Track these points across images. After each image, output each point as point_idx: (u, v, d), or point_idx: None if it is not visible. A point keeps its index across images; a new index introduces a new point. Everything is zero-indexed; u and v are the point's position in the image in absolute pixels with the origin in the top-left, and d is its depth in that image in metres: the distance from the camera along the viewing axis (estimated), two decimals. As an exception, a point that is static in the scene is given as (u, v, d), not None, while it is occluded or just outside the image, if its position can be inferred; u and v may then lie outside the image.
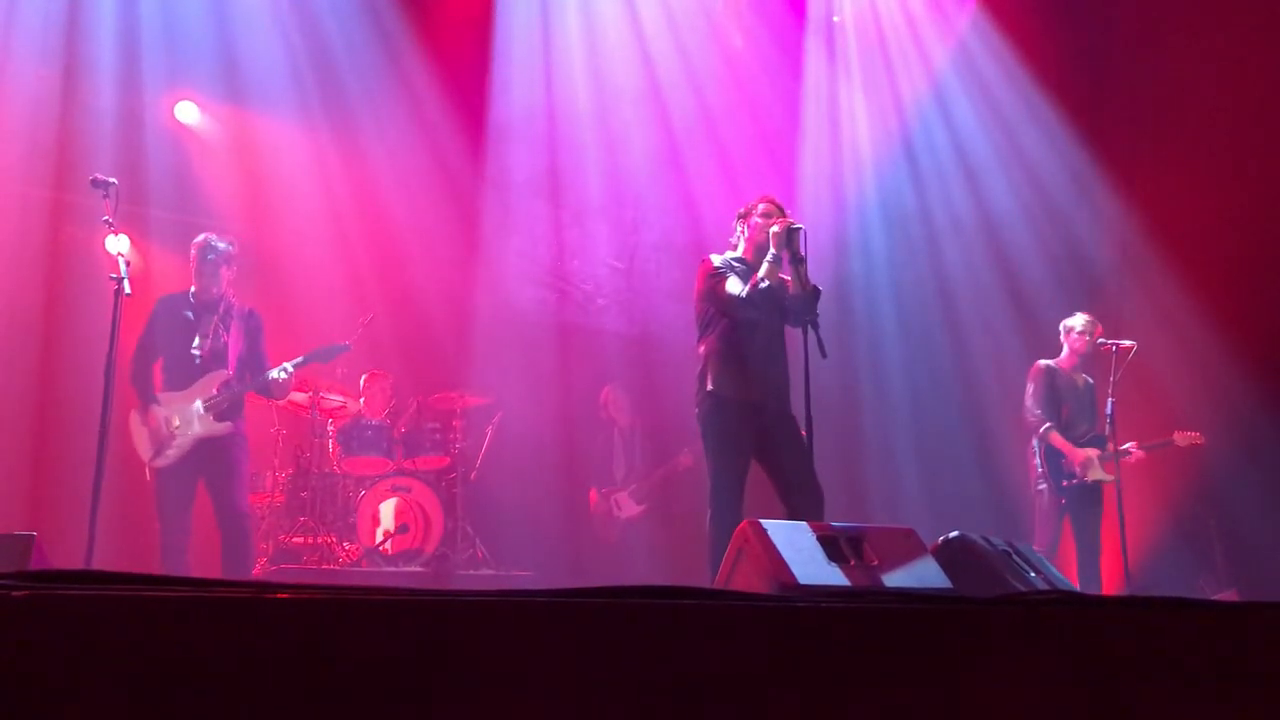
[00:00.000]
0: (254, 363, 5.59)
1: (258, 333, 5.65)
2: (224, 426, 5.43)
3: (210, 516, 7.03)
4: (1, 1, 6.84)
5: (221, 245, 5.54)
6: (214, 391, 5.43)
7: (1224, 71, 7.39)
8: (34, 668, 1.42)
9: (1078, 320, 6.70)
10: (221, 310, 5.55)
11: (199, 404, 5.40)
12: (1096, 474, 6.42)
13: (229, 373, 5.50)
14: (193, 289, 5.56)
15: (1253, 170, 7.21)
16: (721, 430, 4.73)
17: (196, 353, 5.44)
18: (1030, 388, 6.66)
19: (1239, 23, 7.29)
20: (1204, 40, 7.47)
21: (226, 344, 5.52)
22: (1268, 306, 7.10)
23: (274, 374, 5.52)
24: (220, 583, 1.79)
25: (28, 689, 1.41)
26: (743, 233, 5.00)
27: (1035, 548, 6.33)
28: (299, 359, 5.67)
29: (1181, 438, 6.69)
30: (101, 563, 4.23)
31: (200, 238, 5.59)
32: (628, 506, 7.74)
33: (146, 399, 5.42)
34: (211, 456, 5.42)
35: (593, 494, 7.93)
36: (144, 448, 5.40)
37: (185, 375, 5.45)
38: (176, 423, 5.35)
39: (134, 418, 5.45)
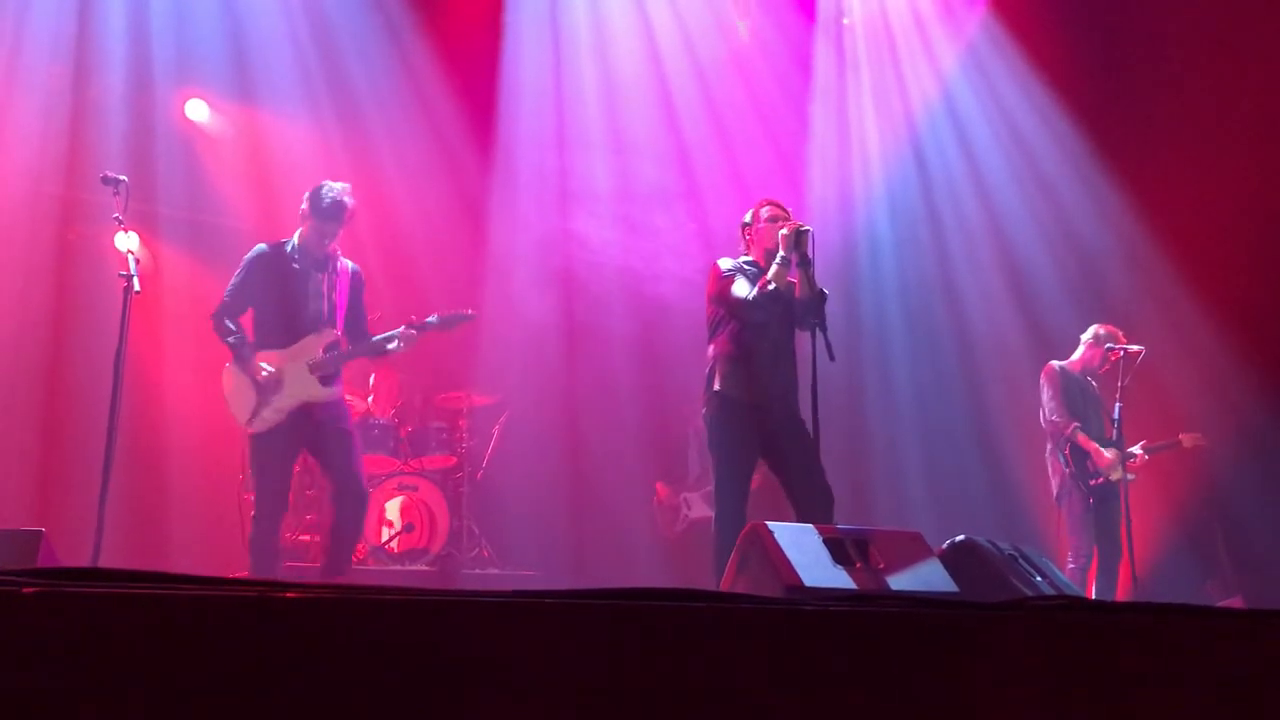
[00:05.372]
0: (357, 324, 5.14)
1: (361, 291, 5.21)
2: (329, 392, 4.96)
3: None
4: (13, -1, 6.89)
5: (350, 202, 5.05)
6: (320, 353, 4.96)
7: (1235, 75, 7.37)
8: (43, 664, 1.43)
9: (1100, 329, 6.67)
10: (330, 266, 5.08)
11: (304, 365, 4.94)
12: (1119, 473, 6.33)
13: (337, 333, 5.04)
14: (298, 241, 5.08)
15: (1263, 175, 7.18)
16: (728, 431, 4.75)
17: (306, 312, 4.97)
18: (1048, 391, 6.57)
19: (1250, 26, 7.26)
20: (1215, 43, 7.45)
21: (335, 302, 5.03)
22: (1277, 312, 7.08)
23: (393, 346, 5.04)
24: (227, 581, 1.80)
25: (37, 685, 1.41)
26: (749, 239, 5.01)
27: (1070, 559, 6.31)
28: (420, 324, 5.16)
29: (1187, 439, 6.67)
30: (109, 560, 4.25)
31: (319, 186, 5.07)
32: (699, 507, 7.69)
33: (243, 351, 4.95)
34: (317, 424, 4.94)
35: (660, 488, 7.90)
36: (239, 407, 4.95)
37: (288, 334, 4.97)
38: (280, 378, 4.88)
39: (229, 373, 5.00)
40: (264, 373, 4.88)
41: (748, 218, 5.04)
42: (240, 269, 5.10)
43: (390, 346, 5.06)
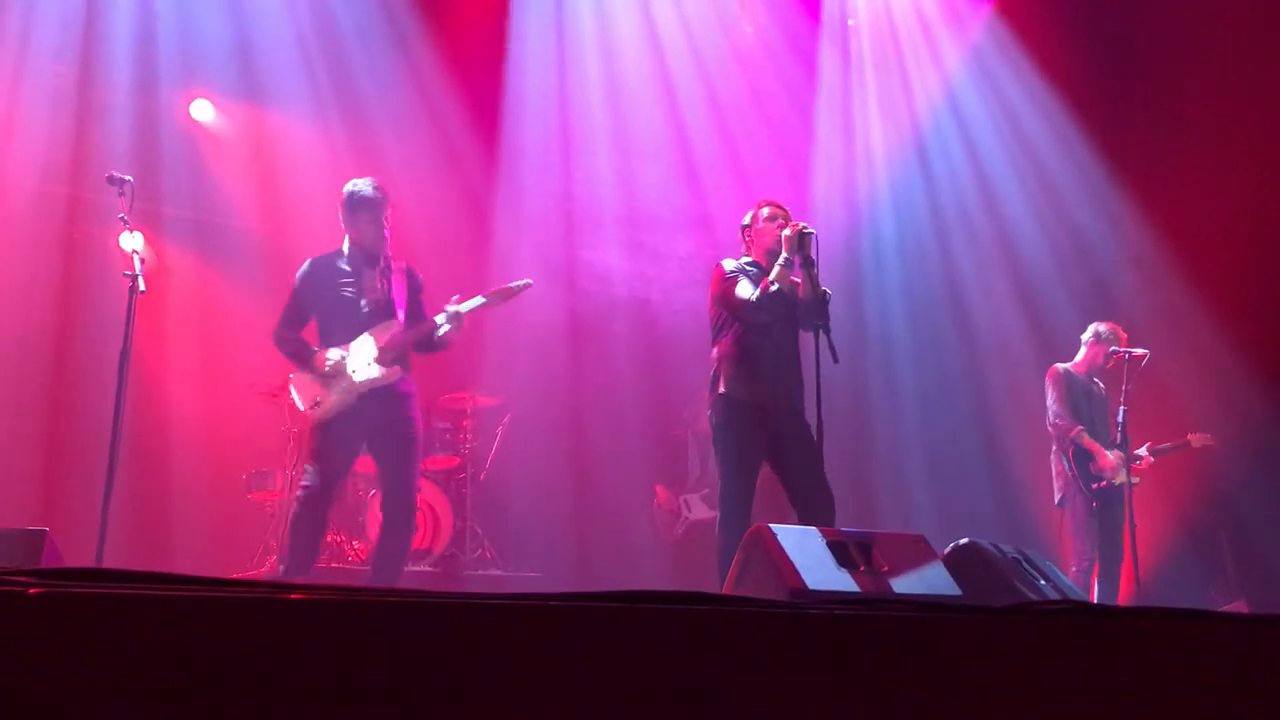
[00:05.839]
0: (418, 319, 5.09)
1: (419, 290, 5.18)
2: (393, 372, 4.89)
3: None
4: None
5: (374, 190, 5.04)
6: (382, 342, 4.93)
7: (1240, 76, 7.36)
8: (47, 665, 1.43)
9: (1101, 328, 6.65)
10: (382, 263, 5.06)
11: (367, 352, 4.90)
12: (1122, 477, 6.30)
13: (398, 324, 4.98)
14: (348, 245, 5.06)
15: (1268, 176, 7.18)
16: (733, 433, 4.74)
17: (364, 308, 4.94)
18: (1052, 393, 6.54)
19: (1256, 28, 7.26)
20: (1219, 44, 7.44)
21: (392, 297, 5.01)
22: (1282, 315, 7.08)
23: (443, 316, 5.00)
24: (232, 582, 1.80)
25: (41, 686, 1.42)
26: (749, 240, 5.01)
27: (1073, 562, 6.29)
28: (473, 301, 5.09)
29: (1196, 439, 6.67)
30: (112, 560, 4.26)
31: (352, 184, 5.07)
32: (699, 509, 7.70)
33: (304, 353, 4.95)
34: (379, 412, 4.88)
35: (660, 491, 7.93)
36: (306, 398, 4.93)
37: (348, 332, 4.94)
38: (343, 366, 4.85)
39: (296, 378, 4.99)
40: (329, 363, 4.87)
41: (747, 219, 5.05)
42: (292, 288, 5.10)
43: (442, 318, 5.03)
